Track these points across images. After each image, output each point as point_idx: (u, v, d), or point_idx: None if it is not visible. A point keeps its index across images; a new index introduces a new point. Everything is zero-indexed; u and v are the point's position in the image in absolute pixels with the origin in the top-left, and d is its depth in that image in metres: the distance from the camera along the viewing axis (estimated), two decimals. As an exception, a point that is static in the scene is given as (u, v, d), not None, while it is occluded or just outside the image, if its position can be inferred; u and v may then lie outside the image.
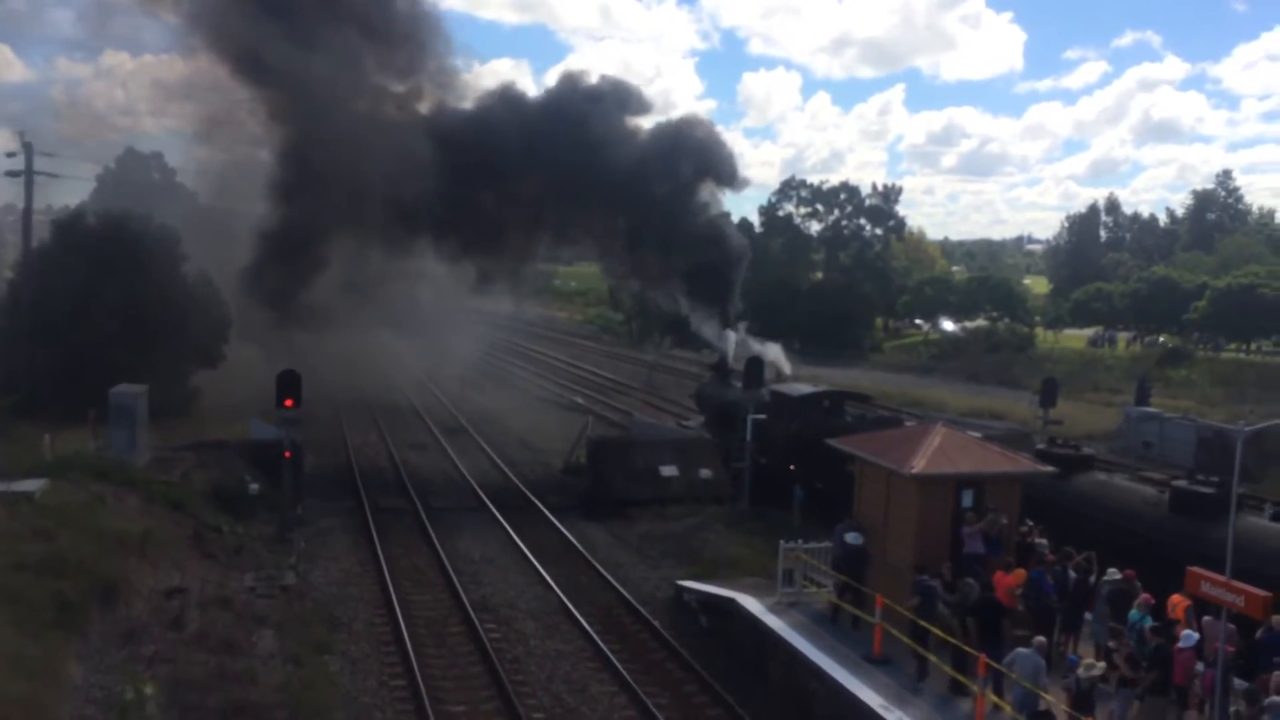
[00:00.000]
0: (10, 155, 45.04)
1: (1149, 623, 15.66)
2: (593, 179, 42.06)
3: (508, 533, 30.49)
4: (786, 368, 42.47)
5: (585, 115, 43.19)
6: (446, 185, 39.96)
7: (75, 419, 31.23)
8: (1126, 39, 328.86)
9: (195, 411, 40.93)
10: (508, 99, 45.87)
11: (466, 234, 44.00)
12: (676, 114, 49.19)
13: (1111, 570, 17.92)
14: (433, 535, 29.67)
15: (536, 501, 34.11)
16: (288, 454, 28.42)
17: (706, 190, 46.80)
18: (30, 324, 39.69)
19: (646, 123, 48.00)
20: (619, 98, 46.69)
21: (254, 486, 30.04)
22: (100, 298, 38.94)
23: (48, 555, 19.37)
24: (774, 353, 43.61)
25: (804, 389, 36.19)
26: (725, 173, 46.92)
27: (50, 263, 42.06)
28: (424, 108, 45.14)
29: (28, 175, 43.49)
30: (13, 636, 16.14)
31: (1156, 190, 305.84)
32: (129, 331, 38.34)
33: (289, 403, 27.86)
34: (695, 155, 45.55)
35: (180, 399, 40.06)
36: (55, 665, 16.28)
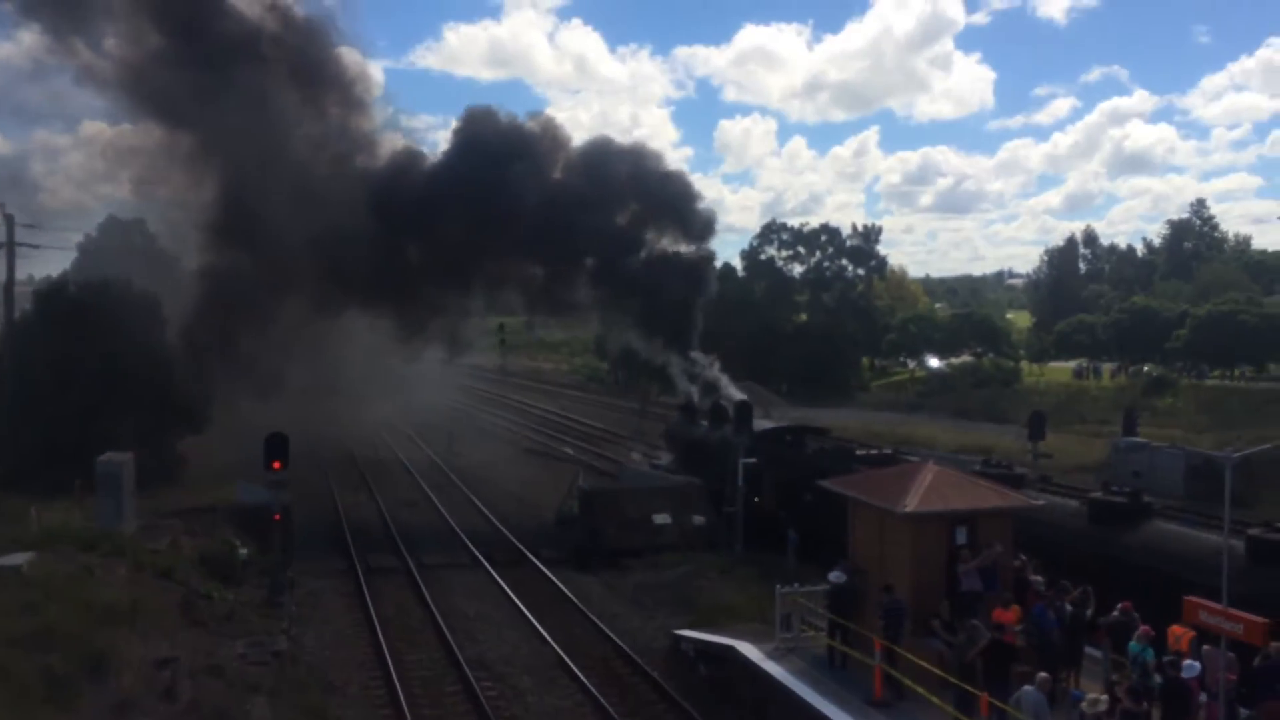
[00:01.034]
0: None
1: (1150, 655, 15.58)
2: (506, 225, 42.81)
3: (501, 588, 30.25)
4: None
5: (495, 162, 43.76)
6: (371, 242, 40.38)
7: (61, 489, 30.94)
8: (1094, 74, 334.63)
9: (182, 477, 40.60)
10: (412, 157, 47.14)
11: (395, 292, 44.38)
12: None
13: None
14: (426, 593, 29.40)
15: (529, 555, 33.87)
16: (277, 516, 28.18)
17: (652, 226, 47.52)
18: (13, 395, 39.43)
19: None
20: (533, 139, 47.40)
21: (243, 551, 29.73)
22: (83, 366, 38.74)
23: (36, 629, 19.06)
24: (723, 383, 45.28)
25: (767, 424, 37.28)
26: (664, 201, 47.41)
27: (32, 334, 41.89)
28: (354, 165, 45.89)
29: (9, 247, 43.44)
30: (3, 713, 15.85)
31: (1132, 221, 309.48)
32: (113, 399, 38.10)
33: (277, 465, 27.67)
34: (628, 186, 46.20)
35: (166, 465, 39.74)
36: (45, 742, 15.99)
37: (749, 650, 21.10)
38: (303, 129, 44.47)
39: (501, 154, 44.36)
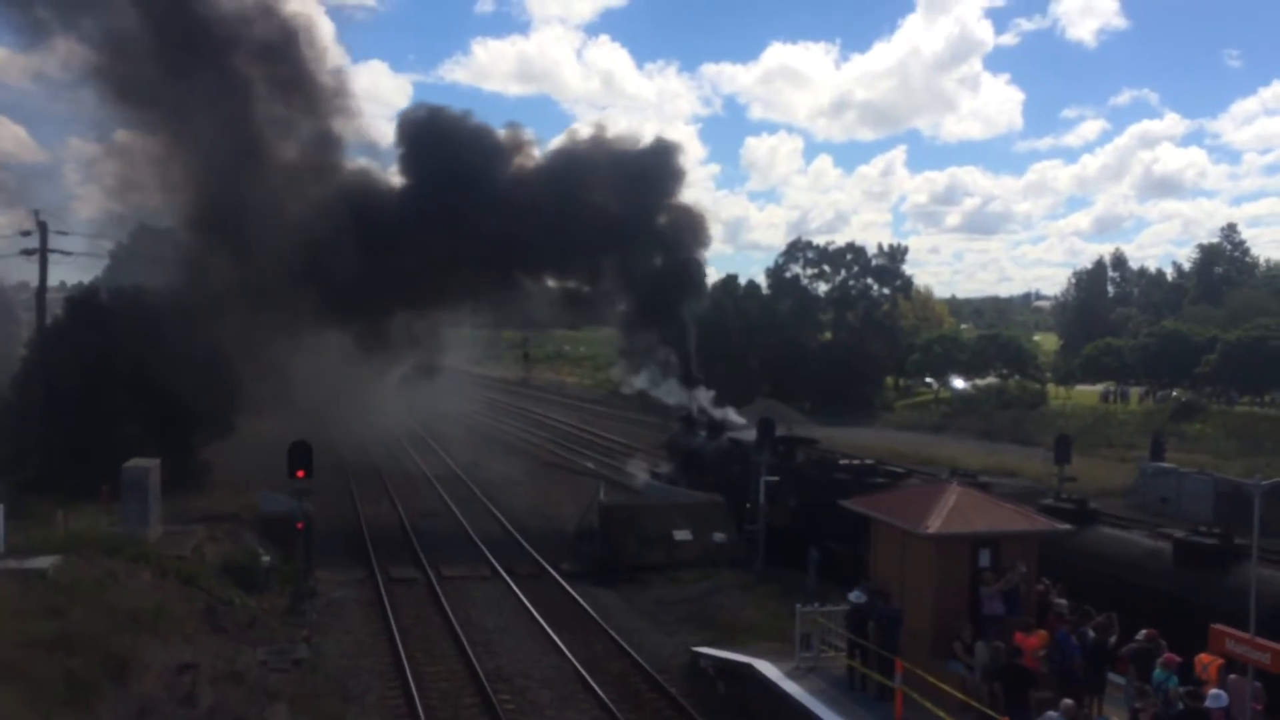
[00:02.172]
0: (25, 234, 45.48)
1: (1174, 682, 15.37)
2: (468, 245, 43.14)
3: (521, 600, 30.24)
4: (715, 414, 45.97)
5: (452, 185, 43.68)
6: (336, 257, 40.48)
7: (88, 494, 31.23)
8: (1124, 97, 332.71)
9: (207, 484, 40.89)
10: (367, 182, 47.11)
11: (361, 307, 44.44)
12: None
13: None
14: (445, 604, 29.44)
15: (549, 568, 33.88)
16: (300, 525, 28.31)
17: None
18: (43, 400, 39.84)
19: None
20: (490, 145, 47.39)
21: (266, 559, 29.90)
22: (112, 373, 39.10)
23: (59, 632, 19.25)
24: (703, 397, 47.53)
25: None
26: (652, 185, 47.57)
27: (63, 339, 42.33)
28: (326, 177, 45.92)
29: (42, 254, 43.88)
30: (24, 715, 15.98)
31: (1162, 245, 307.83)
32: (141, 406, 38.42)
33: (300, 474, 27.78)
34: (608, 180, 46.40)
35: (192, 472, 40.05)
36: (66, 745, 16.11)
37: (768, 669, 21.00)
38: (275, 135, 44.55)
39: (458, 172, 44.20)
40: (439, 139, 46.51)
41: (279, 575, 29.58)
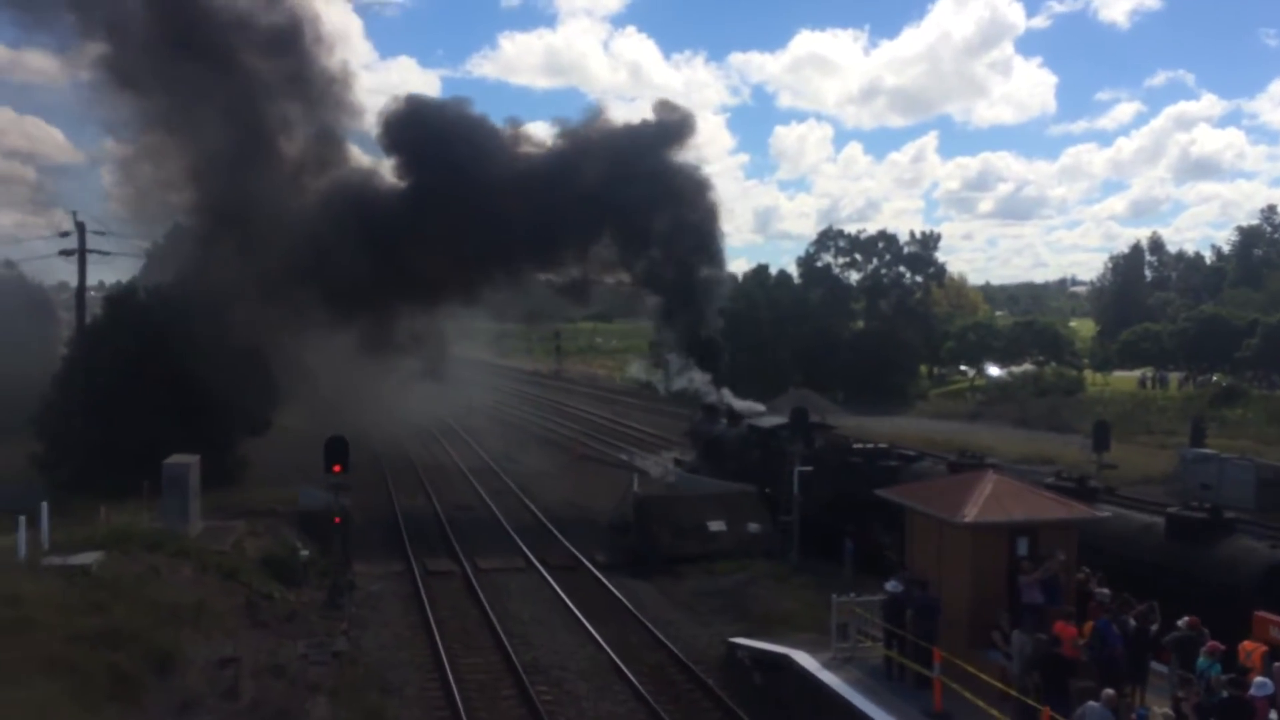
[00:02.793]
0: (64, 235, 46.20)
1: (1217, 670, 15.17)
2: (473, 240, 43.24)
3: (556, 592, 30.36)
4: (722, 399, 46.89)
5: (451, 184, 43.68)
6: (334, 254, 40.51)
7: (129, 490, 31.67)
8: (1159, 78, 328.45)
9: (245, 479, 41.36)
10: (367, 178, 47.20)
11: (362, 304, 44.48)
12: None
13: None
14: (482, 597, 29.61)
15: (584, 560, 33.97)
16: (337, 519, 28.57)
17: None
18: (84, 398, 40.43)
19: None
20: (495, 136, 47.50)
21: (304, 553, 30.21)
22: (151, 370, 39.60)
23: (103, 627, 19.56)
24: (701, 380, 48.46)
25: (775, 420, 39.20)
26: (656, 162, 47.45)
27: (102, 338, 42.93)
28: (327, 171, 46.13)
29: (81, 254, 44.55)
30: (70, 709, 16.25)
31: (1200, 228, 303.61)
32: (179, 403, 38.89)
33: (337, 468, 28.02)
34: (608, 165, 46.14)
35: (230, 468, 40.52)
36: (112, 738, 16.36)
37: (805, 659, 20.94)
38: (278, 128, 44.61)
39: (448, 161, 44.06)
40: (425, 135, 46.29)
41: (317, 569, 29.89)
